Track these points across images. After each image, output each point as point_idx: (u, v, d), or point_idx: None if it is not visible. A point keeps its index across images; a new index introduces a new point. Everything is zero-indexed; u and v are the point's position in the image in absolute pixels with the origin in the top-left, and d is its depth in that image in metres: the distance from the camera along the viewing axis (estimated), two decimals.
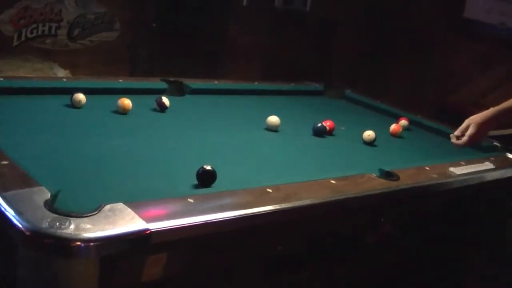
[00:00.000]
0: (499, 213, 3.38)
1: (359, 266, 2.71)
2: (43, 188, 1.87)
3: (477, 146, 3.53)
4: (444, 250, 3.14)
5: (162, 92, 3.51)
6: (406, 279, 3.00)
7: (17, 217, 1.68)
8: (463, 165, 3.05)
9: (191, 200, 1.99)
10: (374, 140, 3.29)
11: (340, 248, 2.53)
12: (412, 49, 7.32)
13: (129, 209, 1.81)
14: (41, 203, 1.76)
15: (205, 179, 2.22)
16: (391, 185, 2.58)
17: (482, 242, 3.37)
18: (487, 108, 4.39)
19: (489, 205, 3.28)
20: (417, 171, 2.85)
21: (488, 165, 3.18)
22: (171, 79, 3.70)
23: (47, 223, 1.66)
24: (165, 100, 3.24)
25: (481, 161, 3.22)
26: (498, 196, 3.30)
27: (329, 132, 3.34)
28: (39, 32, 5.40)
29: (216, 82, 4.08)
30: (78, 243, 1.64)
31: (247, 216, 2.02)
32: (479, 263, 3.44)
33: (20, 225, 1.65)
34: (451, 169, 2.96)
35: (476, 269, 3.46)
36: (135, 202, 1.87)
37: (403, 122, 3.80)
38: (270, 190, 2.20)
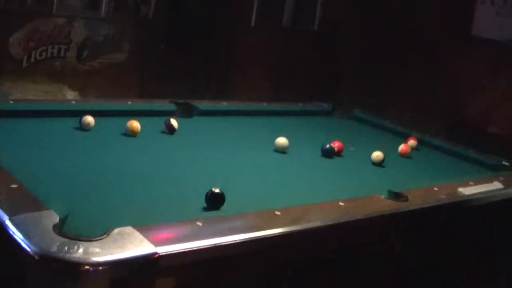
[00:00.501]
0: (508, 231, 3.37)
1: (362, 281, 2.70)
2: (52, 212, 1.87)
3: (485, 165, 3.55)
4: (450, 269, 3.12)
5: (170, 113, 3.51)
6: None
7: (26, 241, 1.68)
8: (471, 185, 3.05)
9: (200, 224, 1.99)
10: (383, 160, 3.29)
11: (345, 263, 2.52)
12: (420, 61, 7.29)
13: (138, 233, 1.81)
14: (50, 227, 1.77)
15: (214, 202, 2.22)
16: (400, 206, 2.58)
17: (487, 259, 3.36)
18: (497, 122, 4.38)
19: (498, 224, 3.27)
20: (426, 191, 2.85)
21: (497, 184, 3.18)
22: (180, 100, 3.70)
23: (56, 247, 1.66)
24: (174, 122, 3.25)
25: (490, 180, 3.22)
26: (507, 215, 3.28)
27: (337, 153, 3.34)
28: (48, 54, 5.41)
29: (224, 103, 4.09)
30: (87, 267, 1.64)
31: (256, 239, 2.02)
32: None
33: (29, 249, 1.66)
34: (460, 189, 2.95)
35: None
36: (144, 226, 1.87)
37: (412, 142, 3.80)
38: (278, 213, 2.20)
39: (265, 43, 6.80)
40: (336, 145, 3.33)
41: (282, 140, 3.24)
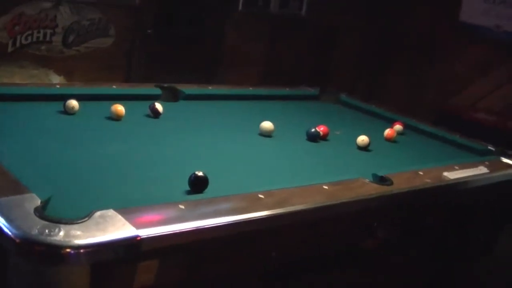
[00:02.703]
0: (493, 216, 3.38)
1: (354, 273, 2.70)
2: (34, 195, 1.86)
3: (471, 149, 3.56)
4: (434, 252, 3.13)
5: (156, 98, 3.50)
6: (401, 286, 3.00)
7: (6, 224, 1.67)
8: (457, 169, 3.05)
9: (182, 207, 1.99)
10: (368, 145, 3.29)
11: (335, 255, 2.52)
12: (411, 54, 7.33)
13: (120, 216, 1.80)
14: (31, 210, 1.76)
15: (197, 185, 2.22)
16: (385, 190, 2.58)
17: (474, 245, 3.37)
18: (486, 111, 4.35)
19: (483, 209, 3.28)
20: (411, 175, 2.84)
21: (482, 169, 3.18)
22: (165, 85, 3.68)
23: (36, 230, 1.65)
24: (159, 106, 3.24)
25: (475, 165, 3.22)
26: (492, 200, 3.29)
27: (323, 137, 3.34)
28: (34, 39, 5.38)
29: (210, 87, 4.08)
30: (68, 250, 1.63)
31: (239, 222, 2.02)
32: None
33: (9, 233, 1.65)
34: (445, 173, 2.96)
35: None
36: (126, 209, 1.86)
37: (398, 127, 3.80)
38: (262, 196, 2.20)
39: (253, 29, 6.78)
40: (321, 129, 3.33)
41: (267, 124, 3.24)
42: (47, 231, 1.66)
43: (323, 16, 7.09)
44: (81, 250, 1.65)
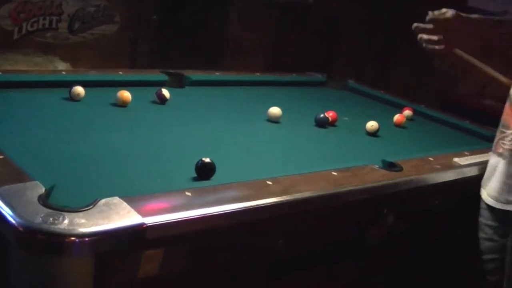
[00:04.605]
0: None
1: (362, 265, 2.67)
2: (37, 183, 1.83)
3: (482, 136, 3.51)
4: (444, 240, 3.09)
5: (162, 84, 3.46)
6: (410, 278, 2.97)
7: (9, 212, 1.64)
8: (467, 155, 3.02)
9: (189, 194, 1.95)
10: (377, 130, 3.25)
11: (343, 245, 2.49)
12: (416, 43, 7.27)
13: (125, 203, 1.77)
14: (35, 198, 1.72)
15: (204, 171, 2.19)
16: (394, 176, 2.54)
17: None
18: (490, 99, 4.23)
19: None
20: (421, 162, 2.81)
21: None
22: (171, 71, 3.65)
23: (40, 219, 1.62)
24: (165, 92, 3.20)
25: (486, 151, 3.17)
26: None
27: (331, 123, 3.30)
28: (40, 26, 5.36)
29: (217, 73, 4.04)
30: (72, 238, 1.60)
31: (246, 210, 1.98)
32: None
33: (13, 221, 1.62)
34: (455, 159, 2.92)
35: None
36: (131, 196, 1.83)
37: (407, 112, 3.76)
38: (269, 183, 2.16)
39: (257, 18, 6.74)
40: (330, 114, 3.29)
41: (275, 110, 3.20)
42: (51, 219, 1.62)
43: (328, 4, 7.04)
44: (86, 239, 1.62)
